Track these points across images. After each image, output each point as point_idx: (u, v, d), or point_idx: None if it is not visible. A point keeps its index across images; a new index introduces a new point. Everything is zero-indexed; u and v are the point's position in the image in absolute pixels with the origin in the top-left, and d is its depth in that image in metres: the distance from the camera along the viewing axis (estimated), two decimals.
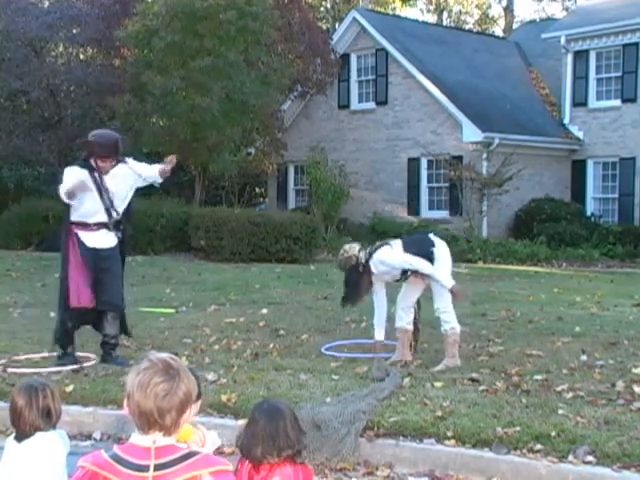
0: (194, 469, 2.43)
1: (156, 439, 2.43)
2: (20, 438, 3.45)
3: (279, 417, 3.30)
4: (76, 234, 7.16)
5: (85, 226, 7.17)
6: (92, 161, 7.16)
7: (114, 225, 7.26)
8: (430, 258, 7.18)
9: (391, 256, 7.24)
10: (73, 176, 7.04)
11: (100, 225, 7.20)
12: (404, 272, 7.28)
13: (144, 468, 2.41)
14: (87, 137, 7.31)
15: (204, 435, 3.27)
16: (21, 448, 3.43)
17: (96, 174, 7.12)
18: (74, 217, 7.16)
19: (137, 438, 2.48)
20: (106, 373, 6.86)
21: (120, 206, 7.26)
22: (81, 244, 7.17)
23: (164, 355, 2.49)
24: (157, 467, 2.41)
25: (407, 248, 7.25)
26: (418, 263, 7.13)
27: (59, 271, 7.45)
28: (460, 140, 21.26)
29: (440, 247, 7.35)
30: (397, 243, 7.34)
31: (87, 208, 7.14)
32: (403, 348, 7.44)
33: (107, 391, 6.22)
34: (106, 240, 7.25)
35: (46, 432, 3.44)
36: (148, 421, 2.41)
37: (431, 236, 7.53)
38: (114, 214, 7.22)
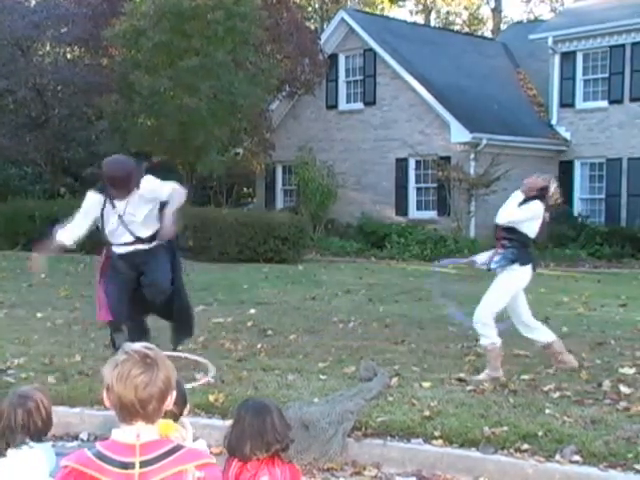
0: (180, 463, 2.42)
1: (140, 433, 2.42)
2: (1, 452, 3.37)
3: (265, 412, 3.31)
4: (109, 249, 7.18)
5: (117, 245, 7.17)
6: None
7: (146, 241, 7.15)
8: None
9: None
10: (87, 203, 7.14)
11: (129, 244, 7.12)
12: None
13: (129, 465, 2.40)
14: (103, 163, 7.22)
15: (183, 437, 3.27)
16: (2, 463, 3.36)
17: (111, 200, 7.02)
18: (106, 238, 7.16)
19: (119, 434, 2.47)
20: (93, 373, 6.83)
21: (140, 230, 7.07)
22: (113, 254, 7.16)
23: (139, 345, 2.48)
24: (142, 464, 2.41)
25: None
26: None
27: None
28: (448, 140, 21.30)
29: None
30: None
31: (110, 232, 7.09)
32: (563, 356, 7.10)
33: (94, 391, 6.19)
34: (140, 246, 7.16)
35: (30, 447, 3.36)
36: (130, 412, 2.41)
37: None
38: (137, 237, 7.10)
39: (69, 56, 24.95)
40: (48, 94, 22.90)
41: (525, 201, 6.89)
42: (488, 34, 41.79)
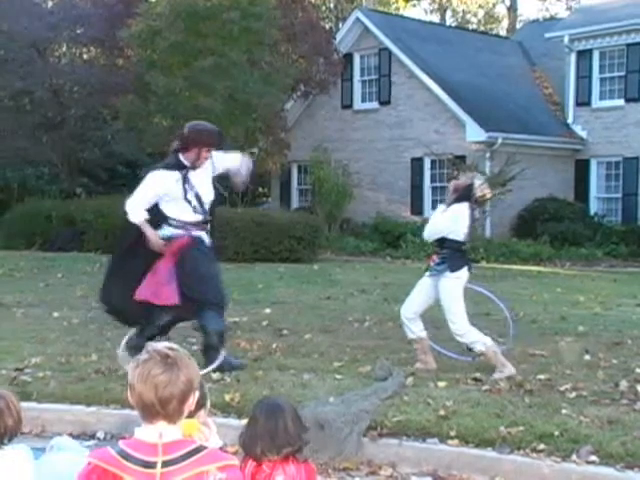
0: (201, 464, 2.44)
1: (162, 433, 2.44)
2: None
3: (278, 414, 3.30)
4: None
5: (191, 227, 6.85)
6: (184, 155, 6.78)
7: (205, 224, 6.97)
8: None
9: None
10: (159, 182, 6.70)
11: (201, 224, 6.93)
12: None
13: (152, 465, 2.42)
14: (183, 130, 6.94)
15: (206, 437, 3.28)
16: None
17: (186, 172, 6.73)
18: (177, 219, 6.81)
19: (143, 433, 2.49)
20: (109, 372, 6.86)
21: (207, 204, 6.89)
22: (195, 236, 6.89)
23: (161, 345, 2.51)
24: (165, 463, 2.42)
25: None
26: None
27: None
28: (463, 140, 21.24)
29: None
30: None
31: (185, 211, 6.81)
32: (425, 356, 7.18)
33: (110, 390, 6.22)
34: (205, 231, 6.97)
35: (5, 447, 3.24)
36: (151, 412, 2.43)
37: None
38: (203, 214, 6.90)
39: (85, 57, 25.09)
40: (64, 95, 23.04)
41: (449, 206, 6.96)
42: (503, 33, 41.64)
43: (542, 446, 5.04)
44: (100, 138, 24.15)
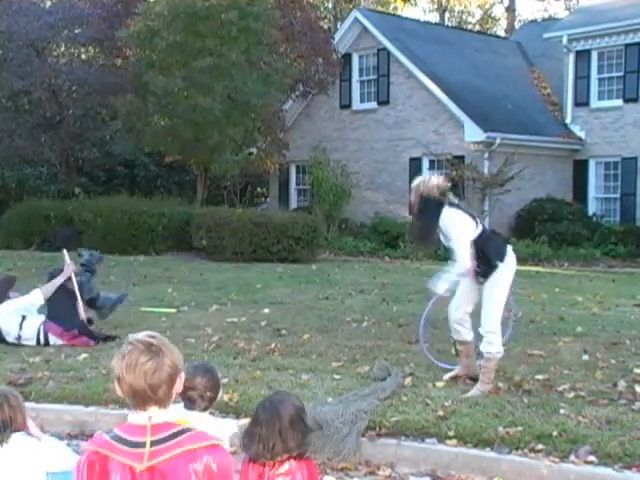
0: (188, 443, 2.54)
1: (152, 415, 2.55)
2: None
3: (276, 419, 3.26)
4: None
5: None
6: None
7: None
8: (489, 262, 6.26)
9: (460, 221, 6.29)
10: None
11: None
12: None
13: (140, 444, 2.53)
14: None
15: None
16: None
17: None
18: None
19: (134, 417, 2.60)
20: (107, 372, 6.86)
21: None
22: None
23: (142, 335, 2.61)
24: (153, 443, 2.53)
25: (481, 235, 6.33)
26: (461, 250, 6.18)
27: None
28: (462, 140, 21.24)
29: (510, 261, 6.39)
30: (471, 221, 6.36)
31: None
32: (467, 360, 6.71)
33: (108, 390, 6.22)
34: None
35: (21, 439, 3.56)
36: (142, 398, 2.55)
37: (510, 247, 6.54)
38: None
39: (84, 57, 25.07)
40: (63, 94, 23.03)
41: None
42: (502, 33, 41.67)
43: (540, 446, 5.05)
44: (98, 138, 24.14)
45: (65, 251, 8.40)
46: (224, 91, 19.15)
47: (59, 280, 8.21)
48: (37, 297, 8.19)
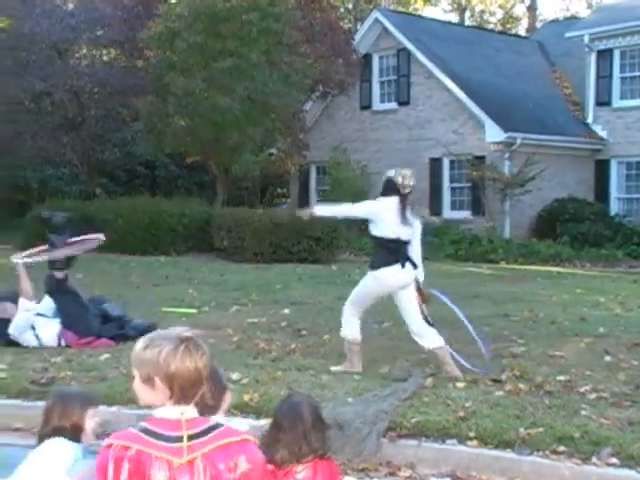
0: (221, 438, 2.55)
1: (183, 412, 2.55)
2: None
3: (299, 423, 3.24)
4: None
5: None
6: None
7: None
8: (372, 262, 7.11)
9: (376, 200, 7.22)
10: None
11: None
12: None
13: (178, 439, 2.51)
14: None
15: None
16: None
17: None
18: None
19: (163, 412, 2.58)
20: (129, 372, 6.88)
21: None
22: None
23: (180, 330, 2.68)
24: (190, 437, 2.53)
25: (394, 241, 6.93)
26: (354, 205, 7.27)
27: None
28: (482, 140, 21.17)
29: (383, 275, 7.05)
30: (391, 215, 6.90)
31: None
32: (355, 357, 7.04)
33: (130, 390, 6.24)
34: None
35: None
36: (195, 393, 2.56)
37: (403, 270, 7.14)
38: None
39: (105, 58, 25.24)
40: (84, 96, 23.19)
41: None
42: (523, 33, 41.46)
43: (562, 448, 5.02)
44: (119, 139, 24.30)
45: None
46: (244, 92, 19.19)
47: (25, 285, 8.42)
48: (23, 302, 8.25)
